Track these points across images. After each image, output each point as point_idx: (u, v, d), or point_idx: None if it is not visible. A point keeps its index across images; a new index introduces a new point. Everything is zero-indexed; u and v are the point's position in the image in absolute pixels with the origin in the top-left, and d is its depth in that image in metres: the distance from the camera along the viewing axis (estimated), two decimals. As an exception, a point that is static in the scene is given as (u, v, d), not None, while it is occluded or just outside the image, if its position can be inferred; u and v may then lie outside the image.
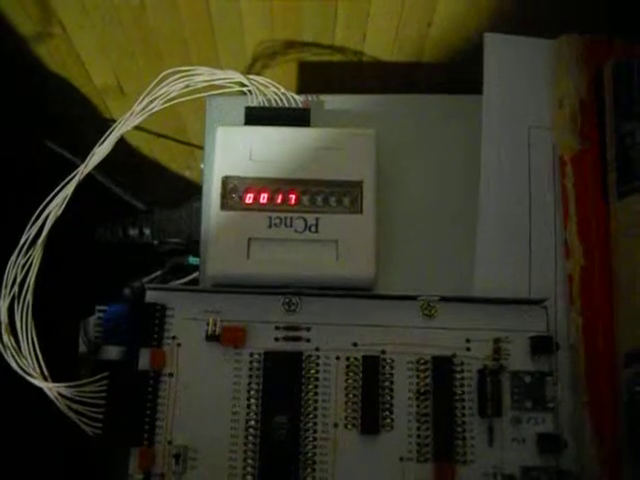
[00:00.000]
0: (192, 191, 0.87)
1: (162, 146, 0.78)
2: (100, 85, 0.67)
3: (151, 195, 0.71)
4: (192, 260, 0.63)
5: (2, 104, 0.64)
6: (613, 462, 0.42)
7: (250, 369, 0.43)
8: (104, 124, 0.72)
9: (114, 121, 0.71)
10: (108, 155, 0.48)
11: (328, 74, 0.64)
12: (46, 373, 0.43)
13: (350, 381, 0.43)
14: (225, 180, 0.45)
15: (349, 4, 0.56)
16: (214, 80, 0.48)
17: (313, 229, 0.44)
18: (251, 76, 0.48)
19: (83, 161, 0.49)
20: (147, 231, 0.59)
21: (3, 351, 0.44)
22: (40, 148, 0.65)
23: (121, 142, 0.50)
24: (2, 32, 0.58)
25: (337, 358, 0.43)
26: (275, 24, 0.58)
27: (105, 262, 0.63)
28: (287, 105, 0.49)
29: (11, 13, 0.57)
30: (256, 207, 0.44)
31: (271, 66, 0.63)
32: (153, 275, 0.64)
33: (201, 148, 0.77)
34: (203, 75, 0.48)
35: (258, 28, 0.59)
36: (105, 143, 0.48)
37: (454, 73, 0.60)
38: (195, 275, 0.62)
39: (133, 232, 0.59)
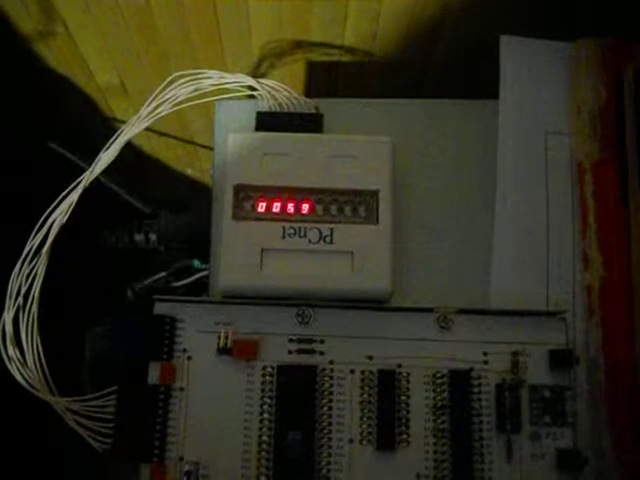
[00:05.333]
0: (194, 189, 0.86)
1: (165, 144, 0.76)
2: (103, 84, 0.66)
3: (153, 193, 0.70)
4: (197, 264, 0.62)
5: (3, 103, 0.62)
6: (634, 478, 0.41)
7: (263, 383, 0.42)
8: (107, 123, 0.71)
9: (117, 120, 0.71)
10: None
11: (337, 74, 0.63)
12: (52, 387, 0.42)
13: (365, 395, 0.42)
14: (237, 188, 0.43)
15: (360, 4, 0.54)
16: (223, 84, 0.47)
17: (328, 240, 0.43)
18: (262, 80, 0.47)
19: (85, 161, 0.47)
20: (153, 237, 0.58)
21: (8, 364, 0.42)
22: (42, 149, 0.63)
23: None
24: (3, 31, 0.57)
25: (352, 372, 0.42)
26: (284, 23, 0.57)
27: (109, 267, 0.62)
28: (298, 109, 0.47)
29: (13, 12, 0.55)
30: (269, 217, 0.43)
31: (278, 66, 0.62)
32: (157, 276, 0.63)
33: (204, 147, 0.77)
34: (212, 78, 0.47)
35: (266, 27, 0.58)
36: (111, 148, 0.47)
37: (467, 75, 0.59)
38: (200, 275, 0.61)
39: (139, 238, 0.58)
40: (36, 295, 0.43)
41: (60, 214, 0.45)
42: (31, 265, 0.44)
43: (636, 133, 0.45)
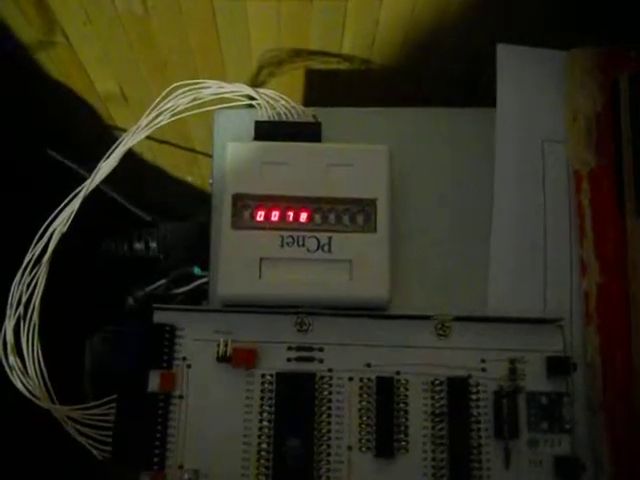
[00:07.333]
0: (194, 197, 0.87)
1: (165, 152, 0.77)
2: (103, 93, 0.66)
3: (153, 201, 0.70)
4: (197, 271, 0.62)
5: (3, 112, 0.63)
6: (632, 484, 0.42)
7: (262, 391, 0.42)
8: (108, 131, 0.71)
9: (117, 128, 0.71)
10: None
11: (335, 82, 0.63)
12: (53, 395, 0.42)
13: (364, 403, 0.42)
14: (236, 197, 0.44)
15: (358, 12, 0.55)
16: (222, 93, 0.47)
17: (326, 249, 0.43)
18: (260, 89, 0.47)
19: (85, 168, 0.48)
20: (153, 245, 0.58)
21: (9, 372, 0.43)
22: (43, 157, 0.63)
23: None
24: (4, 40, 0.57)
25: (350, 379, 0.42)
26: (282, 32, 0.58)
27: (109, 275, 0.62)
28: (297, 118, 0.47)
29: (13, 21, 0.56)
30: (267, 226, 0.43)
31: (277, 74, 0.62)
32: (157, 284, 0.63)
33: (204, 155, 0.77)
34: (211, 88, 0.47)
35: (265, 36, 0.58)
36: (111, 157, 0.47)
37: (464, 83, 0.59)
38: (200, 282, 0.61)
39: (139, 246, 0.58)
40: (37, 304, 0.43)
41: (60, 223, 0.46)
42: (32, 274, 0.44)
43: (632, 140, 0.46)
